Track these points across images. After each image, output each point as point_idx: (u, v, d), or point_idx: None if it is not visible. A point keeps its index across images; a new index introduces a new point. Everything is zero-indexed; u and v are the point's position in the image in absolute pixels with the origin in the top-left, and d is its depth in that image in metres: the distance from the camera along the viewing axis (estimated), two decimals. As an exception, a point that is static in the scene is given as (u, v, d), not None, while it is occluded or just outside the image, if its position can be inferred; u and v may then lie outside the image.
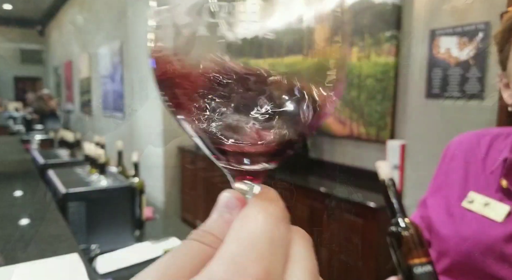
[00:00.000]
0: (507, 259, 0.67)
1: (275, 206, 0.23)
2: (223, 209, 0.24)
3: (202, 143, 0.25)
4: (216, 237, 0.22)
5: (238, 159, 0.25)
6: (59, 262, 1.03)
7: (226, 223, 0.23)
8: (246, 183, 0.26)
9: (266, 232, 0.21)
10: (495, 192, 0.73)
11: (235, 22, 0.21)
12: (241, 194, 0.25)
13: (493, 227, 0.70)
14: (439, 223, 0.78)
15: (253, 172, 0.25)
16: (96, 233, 1.53)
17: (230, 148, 0.24)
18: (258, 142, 0.23)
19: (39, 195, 1.77)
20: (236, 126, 0.22)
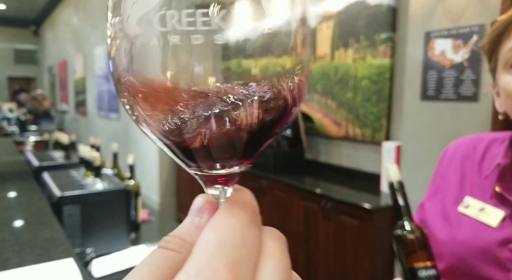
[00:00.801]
0: (501, 263, 0.68)
1: (245, 209, 0.23)
2: (194, 213, 0.24)
3: (169, 150, 0.25)
4: (184, 241, 0.23)
5: (209, 164, 0.24)
6: (54, 267, 1.02)
7: (196, 227, 0.23)
8: (218, 187, 0.26)
9: (234, 238, 0.21)
10: (490, 197, 0.74)
11: (186, 29, 0.21)
12: (213, 198, 0.25)
13: (488, 232, 0.71)
14: (435, 227, 0.78)
15: (225, 175, 0.25)
16: (92, 236, 1.52)
17: (199, 153, 0.24)
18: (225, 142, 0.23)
19: (33, 198, 1.75)
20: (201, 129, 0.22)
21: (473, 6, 1.93)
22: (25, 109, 7.86)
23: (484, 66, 1.91)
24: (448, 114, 2.07)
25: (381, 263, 2.29)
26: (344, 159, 3.00)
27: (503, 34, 0.68)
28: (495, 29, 0.70)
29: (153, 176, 4.60)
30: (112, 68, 0.24)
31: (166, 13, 0.21)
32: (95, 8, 6.74)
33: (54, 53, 10.20)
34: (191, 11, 0.21)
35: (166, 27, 0.21)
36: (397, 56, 2.55)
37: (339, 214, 2.40)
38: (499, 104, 0.73)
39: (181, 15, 0.21)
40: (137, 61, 0.22)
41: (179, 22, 0.21)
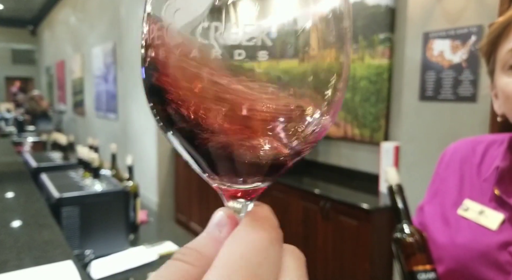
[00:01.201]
0: (501, 266, 0.68)
1: (267, 226, 0.23)
2: (213, 226, 0.24)
3: (194, 162, 0.24)
4: (201, 255, 0.22)
5: (232, 179, 0.24)
6: (53, 269, 1.02)
7: (214, 240, 0.23)
8: (239, 201, 0.25)
9: (256, 254, 0.21)
10: (489, 200, 0.74)
11: (229, 43, 0.20)
12: (233, 212, 0.25)
13: (487, 235, 0.71)
14: (435, 230, 0.78)
15: (247, 190, 0.25)
16: (90, 237, 1.51)
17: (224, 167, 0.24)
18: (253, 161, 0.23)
19: (32, 200, 1.75)
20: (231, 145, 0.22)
21: (472, 7, 1.94)
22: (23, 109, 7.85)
23: (483, 67, 1.92)
24: (447, 115, 2.07)
25: (380, 263, 2.29)
26: (342, 159, 3.01)
27: (501, 36, 0.68)
28: (493, 31, 0.70)
29: (151, 176, 4.60)
30: (145, 75, 0.23)
31: (211, 25, 0.20)
32: (93, 8, 6.72)
33: (52, 53, 10.18)
34: (237, 24, 0.20)
35: (209, 39, 0.20)
36: (396, 57, 2.55)
37: (338, 214, 2.40)
38: (497, 106, 0.73)
39: (226, 29, 0.20)
40: (174, 70, 0.21)
41: (223, 35, 0.20)
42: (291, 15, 0.21)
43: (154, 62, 0.22)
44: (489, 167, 0.76)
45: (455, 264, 0.73)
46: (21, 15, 10.93)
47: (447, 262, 0.73)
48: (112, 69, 5.88)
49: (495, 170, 0.74)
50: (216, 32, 0.20)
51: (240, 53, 0.20)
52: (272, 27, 0.20)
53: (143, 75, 0.23)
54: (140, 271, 1.40)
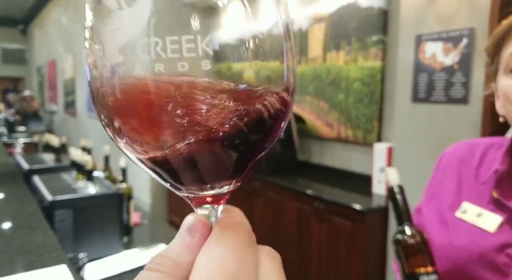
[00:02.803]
0: (499, 268, 0.68)
1: (240, 231, 0.23)
2: (184, 232, 0.24)
3: (157, 176, 0.24)
4: (176, 263, 0.22)
5: (200, 186, 0.24)
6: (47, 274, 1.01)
7: (187, 247, 0.23)
8: (207, 207, 0.25)
9: (234, 261, 0.21)
10: (487, 203, 0.75)
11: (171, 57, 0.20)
12: (204, 217, 0.25)
13: (485, 237, 0.71)
14: (433, 232, 0.79)
15: (215, 195, 0.25)
16: (84, 240, 1.50)
17: (189, 177, 0.24)
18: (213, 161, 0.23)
19: (24, 202, 1.73)
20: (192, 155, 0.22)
21: (463, 10, 1.96)
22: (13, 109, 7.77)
23: (474, 70, 1.94)
24: (439, 116, 2.09)
25: (373, 263, 2.31)
26: (336, 160, 3.02)
27: (505, 38, 0.69)
28: (498, 32, 0.71)
29: (144, 177, 4.58)
30: (91, 94, 0.23)
31: (150, 40, 0.20)
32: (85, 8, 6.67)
33: (43, 53, 10.08)
34: (176, 38, 0.20)
35: (150, 55, 0.20)
36: (388, 59, 2.57)
37: (332, 215, 2.41)
38: (498, 106, 0.74)
39: (166, 43, 0.20)
40: (120, 88, 0.21)
41: (164, 50, 0.20)
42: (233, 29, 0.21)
43: (100, 81, 0.22)
44: (487, 170, 0.77)
45: (453, 265, 0.73)
46: (11, 14, 10.81)
47: (444, 263, 0.74)
48: (104, 70, 5.84)
49: (494, 173, 0.74)
50: (157, 47, 0.20)
51: (183, 65, 0.20)
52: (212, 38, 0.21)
53: (91, 94, 0.23)
54: (134, 274, 1.39)
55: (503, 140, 0.79)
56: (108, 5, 0.21)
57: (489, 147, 0.81)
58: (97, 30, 0.22)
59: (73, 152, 1.96)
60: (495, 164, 0.76)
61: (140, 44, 0.20)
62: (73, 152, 1.96)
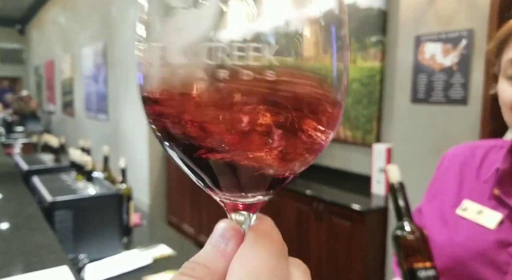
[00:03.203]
0: (499, 266, 0.69)
1: (273, 241, 0.23)
2: (218, 239, 0.24)
3: (196, 176, 0.24)
4: (210, 269, 0.22)
5: (234, 193, 0.24)
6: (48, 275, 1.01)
7: (220, 254, 0.23)
8: (242, 213, 0.25)
9: (266, 272, 0.21)
10: (488, 200, 0.75)
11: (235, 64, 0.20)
12: (237, 225, 0.25)
13: (486, 234, 0.72)
14: (434, 230, 0.80)
15: (249, 204, 0.25)
16: (84, 241, 1.50)
17: (226, 182, 0.24)
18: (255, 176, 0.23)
19: (24, 203, 1.73)
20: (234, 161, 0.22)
21: (463, 11, 1.96)
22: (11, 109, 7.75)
23: (473, 71, 1.94)
24: (438, 117, 2.10)
25: (373, 264, 2.31)
26: (335, 160, 3.02)
27: (505, 42, 0.70)
28: (498, 36, 0.71)
29: (143, 177, 4.57)
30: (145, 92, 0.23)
31: (216, 45, 0.20)
32: (83, 8, 6.66)
33: (41, 52, 10.05)
34: (243, 45, 0.20)
35: (216, 60, 0.20)
36: (388, 59, 2.57)
37: (331, 215, 2.41)
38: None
39: (232, 49, 0.20)
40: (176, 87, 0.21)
41: (230, 56, 0.20)
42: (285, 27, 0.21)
43: (156, 81, 0.22)
44: (488, 170, 0.78)
45: (453, 262, 0.74)
46: (9, 14, 10.77)
47: (445, 260, 0.74)
48: (102, 70, 5.83)
49: (495, 172, 0.75)
50: (222, 53, 0.20)
51: (248, 73, 0.20)
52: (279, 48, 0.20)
53: (143, 92, 0.23)
54: (135, 275, 1.39)
55: (505, 142, 0.80)
56: (173, 3, 0.21)
57: (491, 148, 0.82)
58: (158, 29, 0.21)
59: (72, 153, 1.95)
60: (496, 163, 0.77)
61: (205, 47, 0.20)
62: (72, 153, 1.95)
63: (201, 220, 3.85)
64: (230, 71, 0.20)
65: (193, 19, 0.20)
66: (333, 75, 0.22)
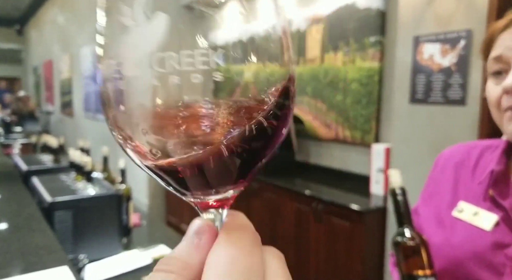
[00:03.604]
0: (495, 267, 0.70)
1: (247, 231, 0.24)
2: (192, 235, 0.24)
3: (162, 181, 0.25)
4: (186, 263, 0.23)
5: (205, 191, 0.25)
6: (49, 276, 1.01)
7: (195, 248, 0.23)
8: (212, 211, 0.26)
9: (243, 259, 0.22)
10: (483, 201, 0.76)
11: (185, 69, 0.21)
12: (211, 221, 0.26)
13: (481, 235, 0.73)
14: (430, 231, 0.80)
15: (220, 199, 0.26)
16: (83, 242, 1.50)
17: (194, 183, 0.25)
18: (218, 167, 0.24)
19: (24, 204, 1.73)
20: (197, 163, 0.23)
21: (461, 11, 1.97)
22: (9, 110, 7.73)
23: (472, 71, 1.95)
24: (437, 117, 2.11)
25: (372, 264, 2.32)
26: (334, 161, 3.03)
27: (491, 42, 0.72)
28: (486, 38, 0.73)
29: (142, 177, 4.57)
30: (105, 105, 0.24)
31: (165, 55, 0.21)
32: (82, 8, 6.65)
33: (39, 53, 10.04)
34: (190, 52, 0.21)
35: (166, 68, 0.21)
36: (386, 60, 2.58)
37: (330, 215, 2.42)
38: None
39: (180, 56, 0.21)
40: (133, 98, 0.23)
41: (179, 63, 0.21)
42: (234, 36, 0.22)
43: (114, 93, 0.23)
44: (483, 170, 0.78)
45: (450, 264, 0.74)
46: (7, 14, 10.76)
47: (441, 262, 0.75)
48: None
49: (490, 174, 0.76)
50: (172, 61, 0.21)
51: (196, 76, 0.21)
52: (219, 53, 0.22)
53: (104, 104, 0.24)
54: (134, 275, 1.40)
55: (500, 142, 0.80)
56: (125, 22, 0.22)
57: (486, 148, 0.82)
58: (112, 46, 0.23)
59: (72, 153, 1.95)
60: (491, 164, 0.77)
61: (155, 58, 0.21)
62: (72, 153, 1.95)
63: (200, 220, 3.85)
64: (179, 76, 0.22)
65: (143, 34, 0.22)
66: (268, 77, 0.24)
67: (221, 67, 0.22)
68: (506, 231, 0.71)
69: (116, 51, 0.23)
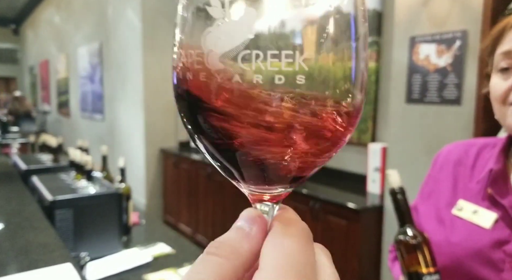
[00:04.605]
0: (494, 264, 0.71)
1: (300, 227, 0.24)
2: (243, 223, 0.25)
3: (223, 170, 0.26)
4: (234, 249, 0.23)
5: (259, 185, 0.26)
6: (53, 272, 1.03)
7: (245, 236, 0.24)
8: (267, 204, 0.27)
9: (299, 254, 0.22)
10: (482, 200, 0.77)
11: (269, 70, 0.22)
12: (261, 213, 0.26)
13: (481, 233, 0.74)
14: (430, 229, 0.81)
15: (273, 195, 0.27)
16: (84, 240, 1.52)
17: (252, 176, 0.25)
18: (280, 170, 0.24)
19: (24, 203, 1.74)
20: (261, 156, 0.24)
21: (456, 12, 2.00)
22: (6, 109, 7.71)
23: (467, 71, 1.98)
24: (432, 117, 2.13)
25: (368, 262, 2.34)
26: (331, 160, 3.04)
27: (498, 38, 0.72)
28: (493, 33, 0.74)
29: (140, 177, 4.57)
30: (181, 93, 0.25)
31: (252, 52, 0.22)
32: (78, 8, 6.64)
33: (35, 52, 10.00)
34: (276, 52, 0.22)
35: (251, 66, 0.22)
36: (383, 60, 2.60)
37: (327, 214, 2.44)
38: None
39: (267, 56, 0.22)
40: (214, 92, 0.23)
41: (264, 62, 0.22)
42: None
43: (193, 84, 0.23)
44: (482, 169, 0.79)
45: (450, 261, 0.76)
46: (3, 14, 10.71)
47: (442, 259, 0.76)
48: (98, 70, 5.83)
49: (489, 172, 0.77)
50: (257, 59, 0.22)
51: (280, 78, 0.22)
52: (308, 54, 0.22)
53: (178, 92, 0.25)
54: (135, 273, 1.41)
55: (498, 140, 0.82)
56: (213, 14, 0.22)
57: (484, 147, 0.83)
58: (197, 37, 0.23)
59: (72, 153, 1.97)
60: (489, 163, 0.78)
61: (241, 54, 0.22)
62: (72, 153, 1.97)
63: (198, 220, 3.87)
64: (263, 75, 0.22)
65: (231, 29, 0.22)
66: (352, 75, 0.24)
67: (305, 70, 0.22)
68: (505, 229, 0.72)
69: (200, 42, 0.23)
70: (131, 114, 4.72)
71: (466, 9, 1.95)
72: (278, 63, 0.22)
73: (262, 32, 0.22)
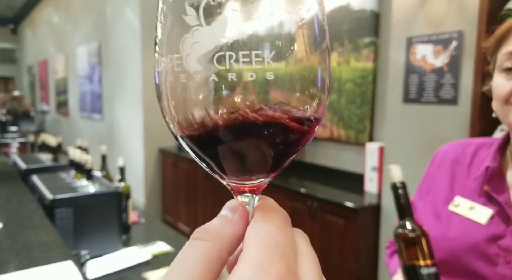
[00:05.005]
0: (489, 258, 0.74)
1: (280, 213, 0.27)
2: (226, 212, 0.27)
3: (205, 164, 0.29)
4: (219, 234, 0.25)
5: (239, 177, 0.29)
6: (54, 270, 1.04)
7: (228, 222, 0.26)
8: (247, 195, 0.29)
9: (280, 235, 0.25)
10: (478, 197, 0.80)
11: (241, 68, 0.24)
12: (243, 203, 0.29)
13: (477, 229, 0.76)
14: (428, 225, 0.83)
15: (253, 186, 0.29)
16: (84, 238, 1.53)
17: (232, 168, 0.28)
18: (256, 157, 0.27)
19: (25, 201, 1.75)
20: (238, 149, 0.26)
21: (453, 13, 2.02)
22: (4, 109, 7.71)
23: (463, 71, 2.00)
24: (429, 117, 2.15)
25: (366, 260, 2.36)
26: (329, 159, 3.07)
27: (503, 39, 0.74)
28: (498, 34, 0.75)
29: (138, 177, 4.59)
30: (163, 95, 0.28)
31: (225, 53, 0.24)
32: (77, 8, 6.65)
33: (34, 52, 10.00)
34: (247, 52, 0.24)
35: (225, 65, 0.25)
36: (380, 60, 2.62)
37: (325, 213, 2.46)
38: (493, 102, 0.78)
39: (239, 56, 0.24)
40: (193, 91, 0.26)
41: (237, 61, 0.24)
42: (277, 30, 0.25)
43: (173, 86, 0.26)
44: (478, 167, 0.82)
45: (447, 256, 0.78)
46: (1, 14, 10.70)
47: (439, 254, 0.78)
48: (97, 69, 5.83)
49: (485, 170, 0.79)
50: (231, 59, 0.24)
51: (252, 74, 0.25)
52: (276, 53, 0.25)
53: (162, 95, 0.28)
54: (135, 271, 1.43)
55: (494, 140, 0.84)
56: (190, 22, 0.25)
57: (481, 146, 0.86)
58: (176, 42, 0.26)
59: (72, 152, 1.98)
60: (486, 161, 0.81)
61: (216, 56, 0.25)
62: (72, 152, 1.98)
63: (196, 219, 3.88)
64: (236, 73, 0.25)
65: (206, 34, 0.25)
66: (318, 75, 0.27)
67: (273, 67, 0.25)
68: (500, 224, 0.74)
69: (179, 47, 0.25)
70: (130, 113, 4.73)
71: (462, 10, 1.97)
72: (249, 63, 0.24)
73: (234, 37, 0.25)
